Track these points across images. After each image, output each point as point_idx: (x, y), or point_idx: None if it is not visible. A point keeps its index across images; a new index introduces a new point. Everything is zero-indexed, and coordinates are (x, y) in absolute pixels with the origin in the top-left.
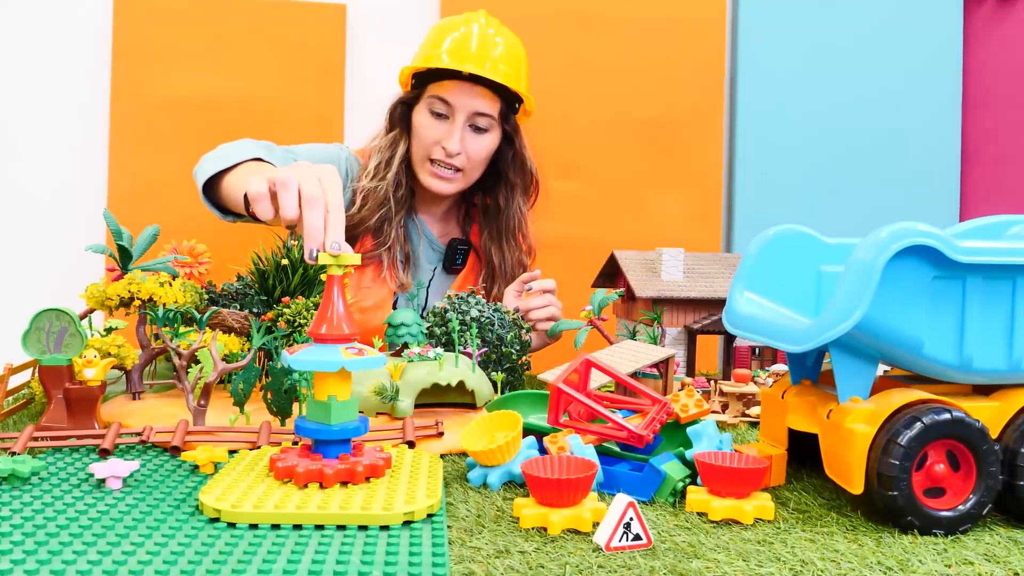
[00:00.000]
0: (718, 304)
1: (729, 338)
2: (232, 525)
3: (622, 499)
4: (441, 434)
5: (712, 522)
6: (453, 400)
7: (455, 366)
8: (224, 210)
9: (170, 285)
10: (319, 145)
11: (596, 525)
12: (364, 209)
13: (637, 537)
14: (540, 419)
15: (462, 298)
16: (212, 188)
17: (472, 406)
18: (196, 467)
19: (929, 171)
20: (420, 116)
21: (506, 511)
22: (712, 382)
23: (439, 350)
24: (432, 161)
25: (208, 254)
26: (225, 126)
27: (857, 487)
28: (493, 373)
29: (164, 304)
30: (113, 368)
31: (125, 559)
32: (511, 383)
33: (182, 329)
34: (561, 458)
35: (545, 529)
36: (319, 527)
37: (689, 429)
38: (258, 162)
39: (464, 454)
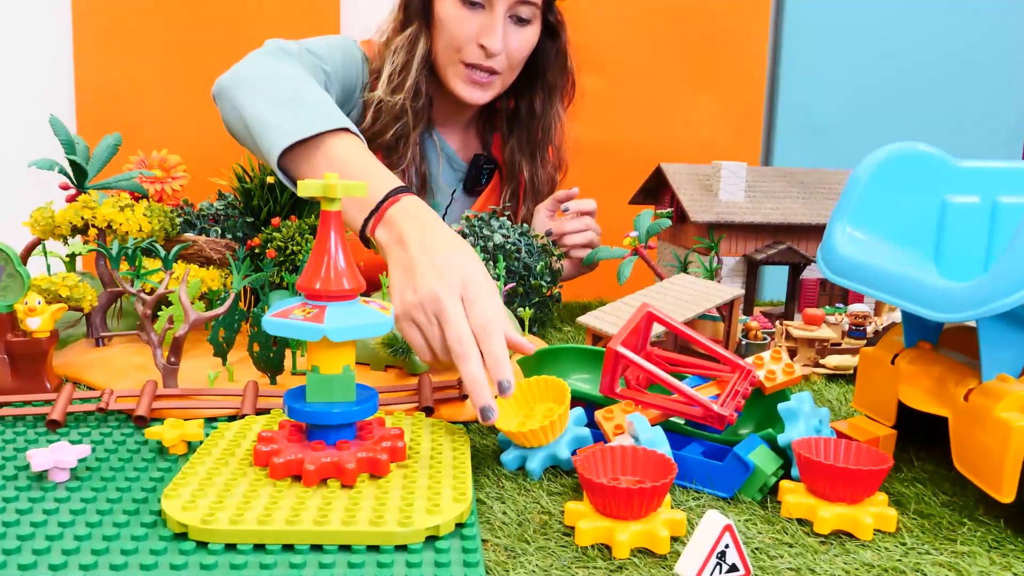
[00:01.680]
0: (784, 230)
1: (795, 268)
2: (203, 544)
3: (716, 520)
4: (465, 397)
5: (818, 535)
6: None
7: None
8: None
9: (132, 209)
10: (334, 38)
11: (674, 541)
12: (377, 124)
13: (733, 568)
14: (584, 380)
15: (483, 220)
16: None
17: None
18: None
19: (995, 93)
20: (447, 6)
21: (554, 514)
22: (777, 322)
23: None
24: (465, 64)
25: (182, 167)
26: (205, 14)
27: (1007, 494)
28: (519, 309)
29: (125, 233)
30: (71, 309)
31: None
32: (540, 320)
33: (146, 266)
34: (626, 452)
35: (608, 548)
36: (316, 547)
37: (782, 407)
38: (347, 136)
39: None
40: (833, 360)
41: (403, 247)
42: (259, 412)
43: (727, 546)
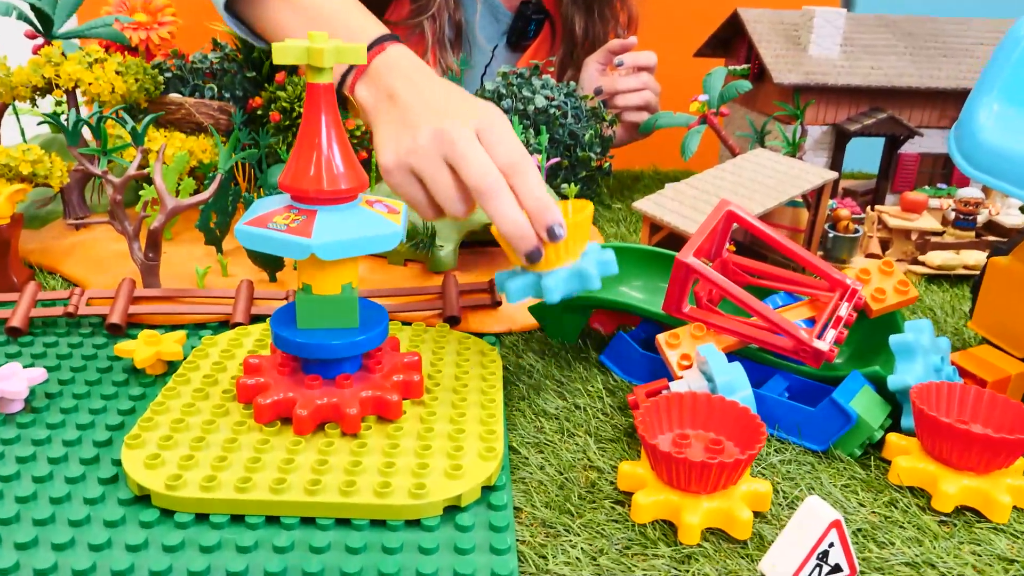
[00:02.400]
0: (884, 95)
1: (892, 142)
2: (169, 513)
3: (820, 513)
4: (498, 303)
5: (936, 512)
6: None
7: None
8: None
9: (102, 65)
10: None
11: (757, 516)
12: None
13: (836, 569)
14: (639, 288)
15: (523, 78)
16: None
17: None
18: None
19: None
20: None
21: (604, 471)
22: (869, 208)
23: None
24: None
25: (171, 10)
26: None
27: None
28: (563, 186)
29: (96, 97)
30: (38, 187)
31: None
32: (587, 196)
33: (114, 140)
34: (697, 402)
35: (672, 526)
36: (307, 520)
37: (895, 341)
38: None
39: (533, 332)
40: (937, 257)
41: (393, 102)
42: (254, 319)
43: (831, 544)
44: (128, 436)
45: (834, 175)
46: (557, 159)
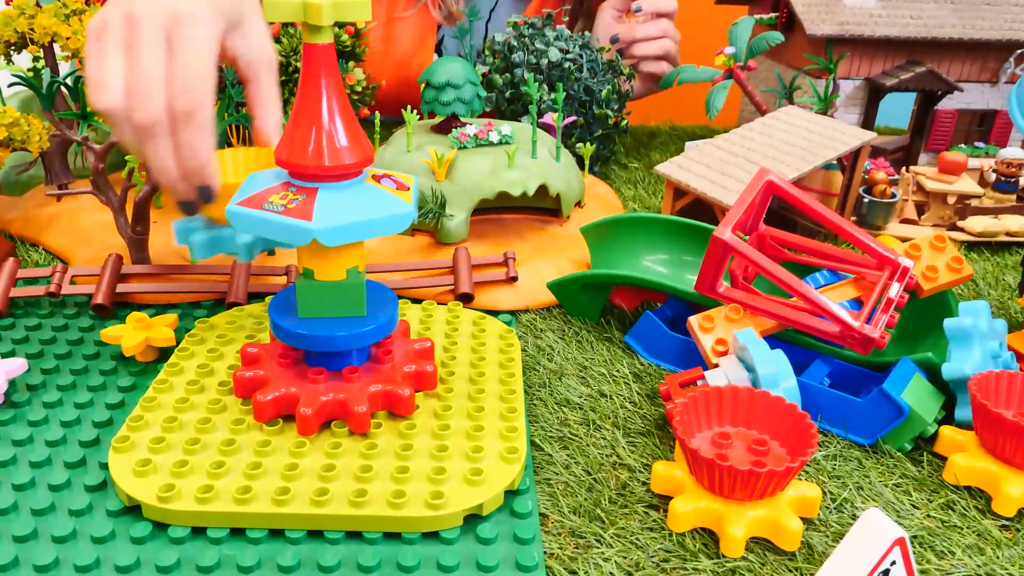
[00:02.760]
0: (922, 46)
1: (929, 97)
2: (163, 527)
3: (882, 530)
4: (514, 278)
5: (997, 516)
6: (521, 203)
7: (533, 156)
8: None
9: (80, 18)
10: None
11: (805, 523)
12: None
13: None
14: (663, 261)
15: (535, 28)
16: None
17: (554, 212)
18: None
19: None
20: None
21: (635, 469)
22: (904, 169)
23: (507, 128)
24: None
25: None
26: None
27: None
28: (578, 146)
29: (75, 52)
30: (17, 150)
31: None
32: (603, 157)
33: None
34: (737, 394)
35: (711, 534)
36: (314, 534)
37: (950, 325)
38: None
39: (551, 309)
40: (978, 223)
41: None
42: (252, 297)
43: (893, 563)
44: (116, 438)
45: (872, 135)
46: (573, 118)
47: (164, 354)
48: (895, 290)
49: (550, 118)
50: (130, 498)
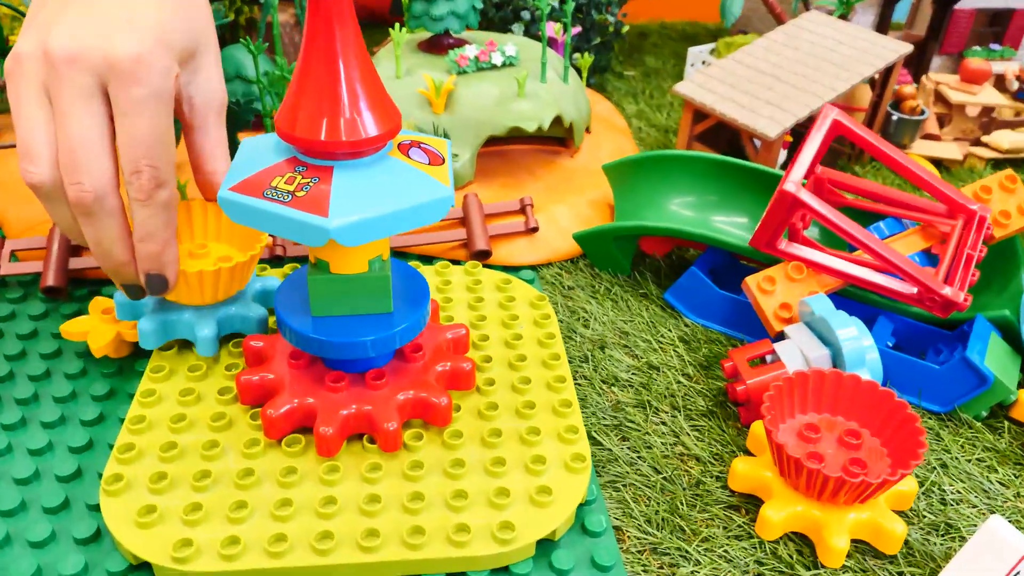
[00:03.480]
0: None
1: None
2: None
3: (1006, 537)
4: (535, 229)
5: None
6: (526, 132)
7: (542, 80)
8: None
9: None
10: None
11: (902, 517)
12: None
13: None
14: (691, 205)
15: None
16: None
17: (561, 140)
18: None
19: None
20: None
21: (705, 462)
22: (924, 78)
23: (511, 48)
24: None
25: None
26: None
27: None
28: (575, 56)
29: None
30: None
31: None
32: (601, 67)
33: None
34: (823, 379)
35: (803, 540)
36: None
37: None
38: None
39: (576, 261)
40: (1005, 139)
41: None
42: None
43: (1018, 574)
44: (106, 477)
45: (909, 48)
46: (579, 28)
47: (141, 348)
48: (974, 244)
49: (552, 29)
50: (135, 556)
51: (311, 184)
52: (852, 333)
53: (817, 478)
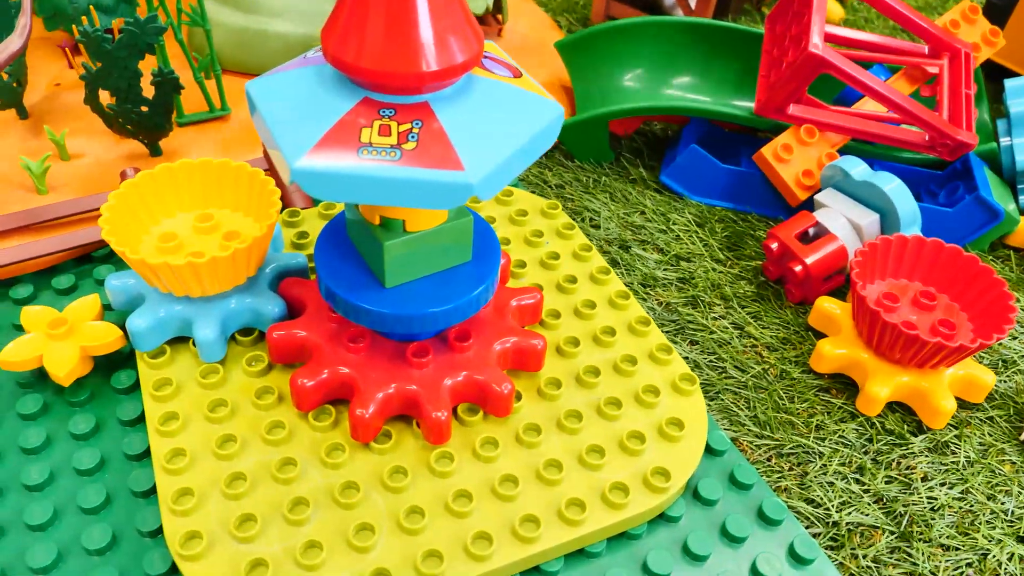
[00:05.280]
0: None
1: None
2: None
3: None
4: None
5: None
6: None
7: None
8: None
9: None
10: None
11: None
12: None
13: None
14: (645, 82)
15: None
16: None
17: (481, 18)
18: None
19: None
20: None
21: (776, 348)
22: None
23: None
24: None
25: None
26: None
27: None
28: None
29: None
30: None
31: None
32: None
33: None
34: (904, 244)
35: (900, 409)
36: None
37: (1016, 109)
38: None
39: (551, 153)
40: None
41: None
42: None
43: None
44: (177, 538)
45: None
46: None
47: (103, 362)
48: (966, 81)
49: None
50: None
51: (415, 130)
52: (903, 191)
53: (914, 345)
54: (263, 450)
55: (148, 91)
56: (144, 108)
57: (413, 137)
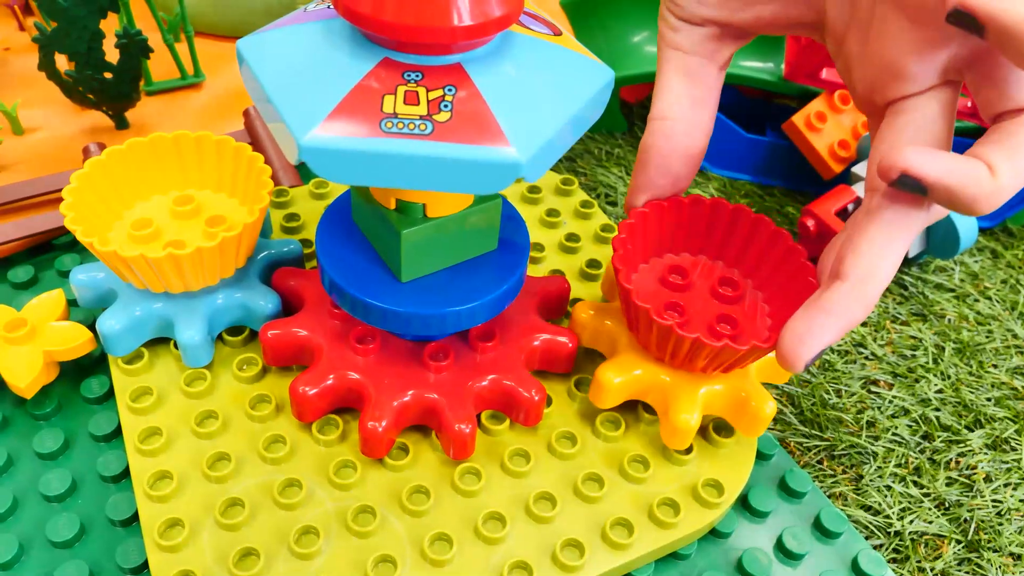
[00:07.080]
0: None
1: None
2: None
3: None
4: None
5: None
6: None
7: None
8: None
9: None
10: None
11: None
12: None
13: None
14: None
15: None
16: None
17: None
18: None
19: None
20: None
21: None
22: None
23: None
24: None
25: None
26: None
27: None
28: None
29: None
30: None
31: None
32: None
33: None
34: (689, 206)
35: None
36: None
37: None
38: None
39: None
40: None
41: None
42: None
43: None
44: None
45: None
46: None
47: (70, 368)
48: None
49: None
50: None
51: (448, 98)
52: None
53: (670, 338)
54: (262, 470)
55: (112, 55)
56: (107, 75)
57: (446, 106)
